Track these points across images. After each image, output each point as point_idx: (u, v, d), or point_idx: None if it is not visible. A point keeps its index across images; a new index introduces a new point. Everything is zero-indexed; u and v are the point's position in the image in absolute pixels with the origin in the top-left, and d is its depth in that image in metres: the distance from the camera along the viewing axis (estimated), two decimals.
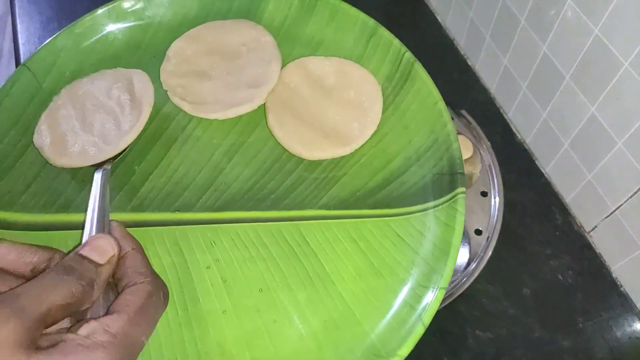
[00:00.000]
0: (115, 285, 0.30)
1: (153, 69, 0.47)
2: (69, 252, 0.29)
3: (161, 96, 0.46)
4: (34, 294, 0.24)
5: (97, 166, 0.41)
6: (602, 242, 0.62)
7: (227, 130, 0.45)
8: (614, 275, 0.61)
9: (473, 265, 0.59)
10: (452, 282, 0.58)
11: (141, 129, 0.43)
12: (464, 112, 0.70)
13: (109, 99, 0.45)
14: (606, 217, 0.60)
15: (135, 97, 0.45)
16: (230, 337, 0.35)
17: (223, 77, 0.47)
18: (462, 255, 0.60)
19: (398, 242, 0.38)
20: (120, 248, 0.30)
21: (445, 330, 0.58)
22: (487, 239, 0.61)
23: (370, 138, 0.44)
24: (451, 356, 0.56)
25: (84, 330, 0.24)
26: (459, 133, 0.67)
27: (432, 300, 0.35)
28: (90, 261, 0.27)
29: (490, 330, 0.58)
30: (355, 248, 0.38)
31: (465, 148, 0.66)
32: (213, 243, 0.39)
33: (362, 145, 0.43)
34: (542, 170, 0.69)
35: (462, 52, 0.81)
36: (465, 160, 0.66)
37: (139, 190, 0.42)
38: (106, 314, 0.26)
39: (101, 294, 0.28)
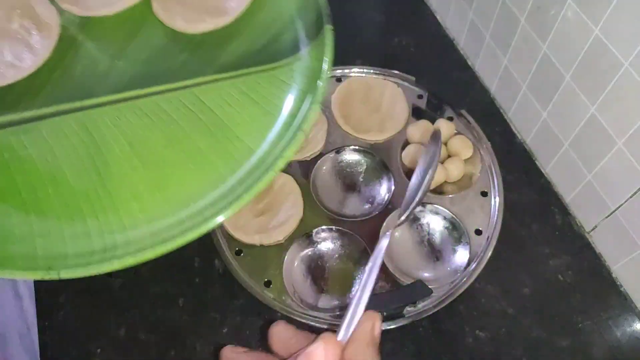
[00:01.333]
0: None
1: None
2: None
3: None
4: None
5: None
6: (602, 242, 0.62)
7: (118, 23, 0.49)
8: (613, 275, 0.61)
9: (473, 265, 0.59)
10: (451, 282, 0.58)
11: (53, 46, 0.46)
12: (464, 112, 0.70)
13: (11, 25, 0.47)
14: (606, 217, 0.60)
15: (39, 19, 0.47)
16: (142, 186, 0.40)
17: None
18: (462, 256, 0.60)
19: (282, 85, 0.43)
20: None
21: (445, 330, 0.58)
22: (487, 239, 0.61)
23: (247, 7, 0.48)
24: (450, 355, 0.56)
25: None
26: (459, 133, 0.68)
27: (308, 111, 0.41)
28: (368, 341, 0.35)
29: (489, 329, 0.57)
30: (246, 99, 0.43)
31: (466, 148, 0.66)
32: (117, 118, 0.44)
33: (241, 14, 0.48)
34: (542, 170, 0.69)
35: (462, 52, 0.81)
36: (466, 160, 0.66)
37: (42, 89, 0.46)
38: None
39: None
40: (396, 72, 0.75)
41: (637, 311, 0.59)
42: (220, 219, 0.37)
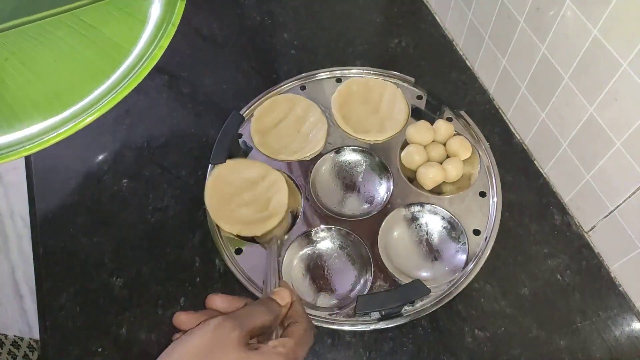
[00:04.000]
0: (282, 321, 0.43)
1: None
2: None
3: None
4: (248, 317, 0.38)
5: (267, 244, 0.54)
6: (601, 242, 0.62)
7: None
8: (612, 275, 0.61)
9: (471, 265, 0.59)
10: (449, 282, 0.58)
11: None
12: (463, 113, 0.70)
13: None
14: (605, 217, 0.60)
15: None
16: (40, 97, 0.48)
17: None
18: (461, 255, 0.61)
19: None
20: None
21: (444, 329, 0.58)
22: (486, 239, 0.61)
23: None
24: (449, 355, 0.56)
25: (271, 343, 0.38)
26: (458, 134, 0.68)
27: (175, 6, 0.50)
28: (277, 303, 0.42)
29: (488, 329, 0.58)
30: (121, 13, 0.52)
31: (464, 149, 0.66)
32: (5, 43, 0.50)
33: None
34: (541, 171, 0.69)
35: (461, 53, 0.81)
36: (464, 161, 0.66)
37: None
38: (280, 336, 0.40)
39: (277, 324, 0.42)
40: (396, 73, 0.75)
41: (635, 311, 0.59)
42: (110, 104, 0.46)
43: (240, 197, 0.63)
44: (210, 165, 0.66)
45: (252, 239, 0.62)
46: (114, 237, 0.65)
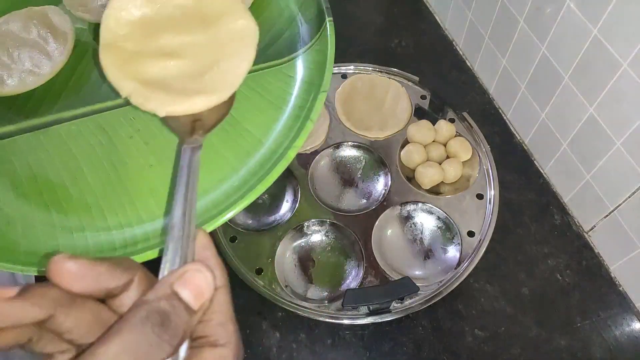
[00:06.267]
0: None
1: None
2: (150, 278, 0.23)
3: None
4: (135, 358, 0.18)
5: (183, 138, 0.34)
6: (601, 242, 0.62)
7: None
8: (612, 275, 0.61)
9: (463, 266, 0.59)
10: (440, 281, 0.58)
11: (69, 52, 0.48)
12: (465, 114, 0.70)
13: (29, 35, 0.49)
14: (605, 217, 0.60)
15: (55, 28, 0.49)
16: (158, 182, 0.41)
17: None
18: (453, 256, 0.61)
19: (288, 79, 0.45)
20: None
21: (444, 329, 0.58)
22: (479, 241, 0.61)
23: (250, 8, 0.48)
24: (449, 354, 0.56)
25: None
26: (459, 135, 0.68)
27: (314, 101, 0.41)
28: (185, 305, 0.21)
29: (488, 329, 0.58)
30: (255, 95, 0.44)
31: (464, 150, 0.66)
32: (132, 119, 0.45)
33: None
34: (541, 170, 0.69)
35: (461, 53, 0.81)
36: (464, 162, 0.66)
37: (61, 95, 0.48)
38: None
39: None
40: (401, 71, 0.75)
41: (635, 310, 0.59)
42: (233, 212, 0.37)
43: (164, 34, 0.37)
44: None
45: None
46: None
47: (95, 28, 0.50)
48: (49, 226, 0.39)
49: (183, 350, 0.21)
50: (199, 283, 0.21)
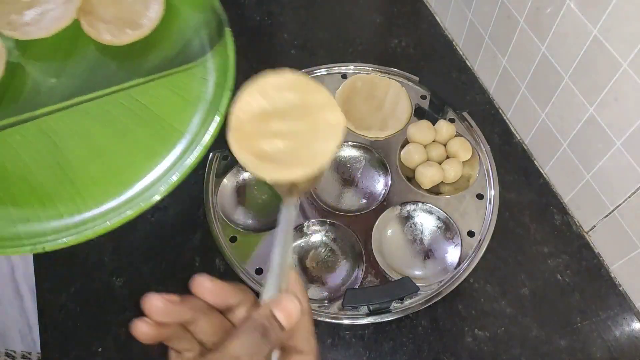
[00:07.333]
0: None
1: None
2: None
3: None
4: (247, 358, 0.27)
5: (283, 199, 0.41)
6: (601, 242, 0.62)
7: (55, 44, 0.57)
8: (612, 275, 0.61)
9: (463, 266, 0.59)
10: (440, 281, 0.58)
11: (3, 67, 0.55)
12: (466, 114, 0.70)
13: None
14: (605, 217, 0.60)
15: None
16: (99, 173, 0.50)
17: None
18: (453, 256, 0.61)
19: (200, 80, 0.54)
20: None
21: (444, 329, 0.58)
22: (479, 241, 0.61)
23: (161, 21, 0.58)
24: (449, 355, 0.56)
25: None
26: (459, 135, 0.68)
27: (223, 97, 0.51)
28: (279, 324, 0.29)
29: (488, 329, 0.58)
30: (173, 94, 0.53)
31: (464, 150, 0.66)
32: (69, 121, 0.52)
33: (157, 27, 0.57)
34: (541, 170, 0.69)
35: (461, 53, 0.81)
36: (464, 162, 0.66)
37: (1, 103, 0.54)
38: None
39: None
40: (400, 71, 0.75)
41: (635, 311, 0.59)
42: (164, 190, 0.47)
43: (275, 121, 0.44)
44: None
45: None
46: (114, 236, 0.64)
47: (23, 44, 0.56)
48: (6, 217, 0.46)
49: (275, 356, 0.29)
50: (290, 309, 0.29)
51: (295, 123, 0.44)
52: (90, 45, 0.58)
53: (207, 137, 0.49)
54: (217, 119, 0.51)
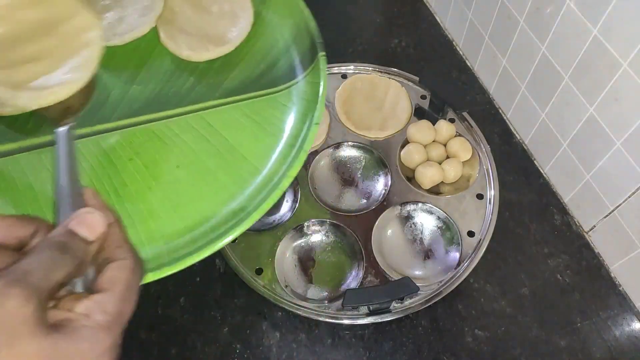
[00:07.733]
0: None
1: None
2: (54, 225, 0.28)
3: None
4: (42, 272, 0.24)
5: (57, 123, 0.36)
6: (601, 242, 0.62)
7: (129, 53, 0.53)
8: (612, 275, 0.61)
9: (463, 266, 0.59)
10: (440, 281, 0.58)
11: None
12: (466, 114, 0.70)
13: None
14: (605, 217, 0.60)
15: None
16: (158, 205, 0.43)
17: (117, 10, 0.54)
18: (453, 256, 0.61)
19: (283, 108, 0.47)
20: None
21: (444, 329, 0.58)
22: (479, 241, 0.61)
23: (247, 38, 0.53)
24: (449, 355, 0.56)
25: (81, 308, 0.25)
26: (459, 135, 0.68)
27: (308, 131, 0.45)
28: (81, 238, 0.27)
29: (488, 329, 0.58)
30: (250, 122, 0.47)
31: (464, 150, 0.66)
32: (132, 141, 0.46)
33: (241, 44, 0.52)
34: (541, 170, 0.69)
35: (461, 53, 0.81)
36: (464, 162, 0.66)
37: None
38: (95, 290, 0.26)
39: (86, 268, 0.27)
40: (400, 71, 0.75)
41: (635, 311, 0.59)
42: (231, 237, 0.39)
43: (22, 45, 0.39)
44: None
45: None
46: None
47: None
48: None
49: (91, 271, 0.27)
50: (91, 220, 0.27)
51: (45, 41, 0.40)
52: (166, 58, 0.52)
53: (285, 181, 0.42)
54: (301, 157, 0.43)
